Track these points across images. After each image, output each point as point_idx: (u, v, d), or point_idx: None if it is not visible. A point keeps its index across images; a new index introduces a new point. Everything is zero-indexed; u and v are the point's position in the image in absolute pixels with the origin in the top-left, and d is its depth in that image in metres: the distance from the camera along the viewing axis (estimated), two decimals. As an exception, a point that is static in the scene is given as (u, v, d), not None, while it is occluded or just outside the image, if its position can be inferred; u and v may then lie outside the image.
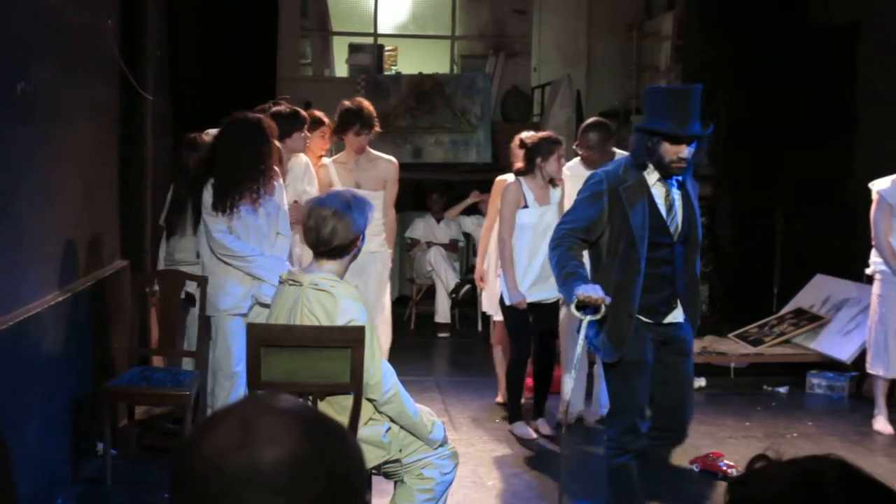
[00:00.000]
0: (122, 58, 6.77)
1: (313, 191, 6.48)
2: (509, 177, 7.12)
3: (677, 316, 4.81)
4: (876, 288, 7.24)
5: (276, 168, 5.75)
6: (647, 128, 4.64)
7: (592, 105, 13.54)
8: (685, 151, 4.58)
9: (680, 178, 4.71)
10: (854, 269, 8.68)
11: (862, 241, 9.02)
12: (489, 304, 7.36)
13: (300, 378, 4.18)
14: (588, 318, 4.61)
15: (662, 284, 4.73)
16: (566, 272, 4.62)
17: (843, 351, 8.12)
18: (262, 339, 4.18)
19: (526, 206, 6.61)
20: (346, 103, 6.92)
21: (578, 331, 4.75)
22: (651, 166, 4.66)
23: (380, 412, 4.23)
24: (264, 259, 5.64)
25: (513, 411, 6.83)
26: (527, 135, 6.91)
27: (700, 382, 7.97)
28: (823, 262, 9.12)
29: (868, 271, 7.32)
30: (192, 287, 6.15)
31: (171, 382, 5.81)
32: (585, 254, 4.86)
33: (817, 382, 8.19)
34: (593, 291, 4.51)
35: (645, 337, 4.72)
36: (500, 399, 7.51)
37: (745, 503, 1.36)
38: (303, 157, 6.62)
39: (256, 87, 8.86)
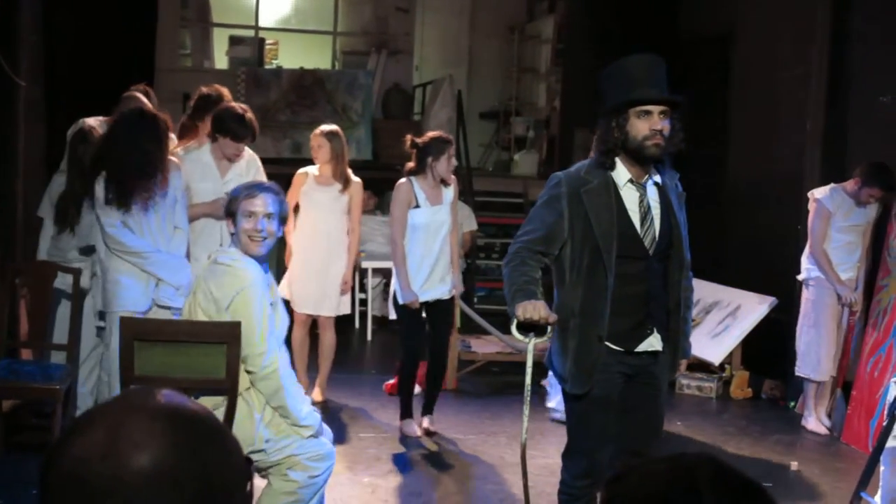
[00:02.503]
0: (-7, 42, 6.57)
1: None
2: (310, 169, 7.23)
3: (654, 344, 4.14)
4: (810, 294, 7.35)
5: (170, 160, 5.59)
6: (611, 105, 4.01)
7: (473, 105, 13.65)
8: (659, 124, 3.96)
9: (658, 179, 4.14)
10: (724, 274, 8.92)
11: (732, 246, 9.31)
12: (311, 304, 7.37)
13: (175, 373, 4.12)
14: (532, 341, 3.97)
15: (635, 306, 4.08)
16: (514, 289, 3.98)
17: (713, 353, 8.32)
18: (137, 334, 4.12)
19: (417, 206, 6.65)
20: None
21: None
22: (621, 165, 4.06)
23: (256, 388, 4.19)
24: (160, 255, 5.46)
25: (404, 408, 6.90)
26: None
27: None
28: (694, 265, 9.33)
29: (800, 277, 7.43)
30: (85, 280, 5.98)
31: (40, 376, 5.66)
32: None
33: (686, 383, 8.40)
34: (534, 309, 3.88)
35: (612, 369, 4.09)
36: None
37: (620, 500, 1.39)
38: (248, 151, 6.45)
39: (133, 77, 8.68)
